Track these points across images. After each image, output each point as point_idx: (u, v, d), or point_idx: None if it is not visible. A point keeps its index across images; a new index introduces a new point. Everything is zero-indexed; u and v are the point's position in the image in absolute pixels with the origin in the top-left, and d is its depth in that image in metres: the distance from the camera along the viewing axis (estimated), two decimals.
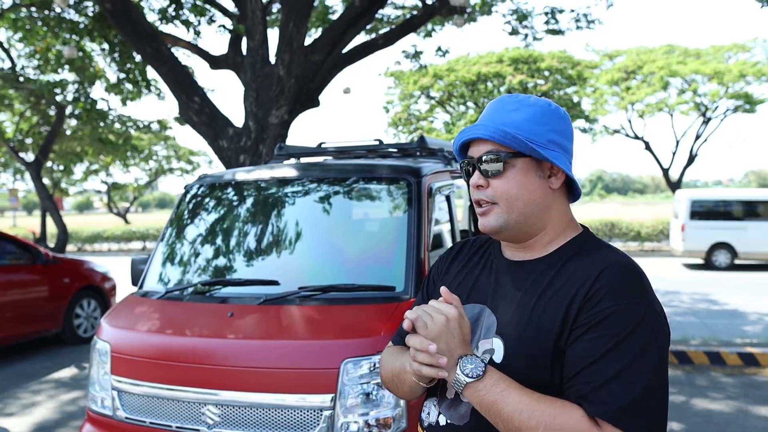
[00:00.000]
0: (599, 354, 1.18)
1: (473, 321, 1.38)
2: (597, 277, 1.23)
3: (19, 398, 6.15)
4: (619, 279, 1.23)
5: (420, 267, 3.27)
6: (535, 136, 1.32)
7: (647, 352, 1.18)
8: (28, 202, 74.15)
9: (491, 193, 1.34)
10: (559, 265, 1.32)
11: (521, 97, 1.38)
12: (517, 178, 1.33)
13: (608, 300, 1.20)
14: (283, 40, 6.98)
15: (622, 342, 1.18)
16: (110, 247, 26.62)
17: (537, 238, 1.37)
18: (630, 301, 1.21)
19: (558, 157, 1.33)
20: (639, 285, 1.24)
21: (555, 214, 1.37)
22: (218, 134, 7.36)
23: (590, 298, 1.22)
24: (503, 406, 1.21)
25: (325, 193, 3.77)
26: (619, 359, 1.17)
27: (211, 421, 2.89)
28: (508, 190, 1.33)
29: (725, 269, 14.92)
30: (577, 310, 1.22)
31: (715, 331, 8.06)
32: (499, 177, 1.33)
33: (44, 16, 10.41)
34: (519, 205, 1.33)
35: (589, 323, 1.20)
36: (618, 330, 1.18)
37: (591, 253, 1.32)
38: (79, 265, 8.81)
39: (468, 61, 23.60)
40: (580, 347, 1.20)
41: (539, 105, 1.36)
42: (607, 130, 26.74)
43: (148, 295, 3.61)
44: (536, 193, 1.34)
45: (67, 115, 15.13)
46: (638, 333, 1.19)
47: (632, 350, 1.18)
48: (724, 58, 24.91)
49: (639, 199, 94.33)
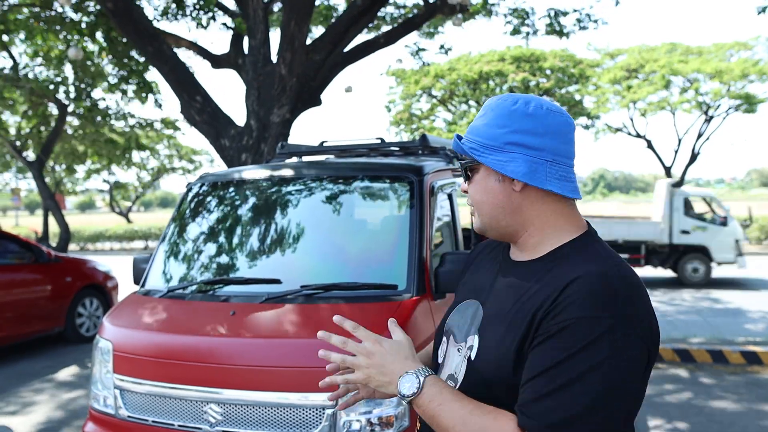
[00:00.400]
0: (546, 366, 1.14)
1: (467, 316, 1.40)
2: (566, 286, 1.18)
3: (22, 397, 6.16)
4: (584, 291, 1.16)
5: (422, 265, 3.27)
6: (491, 140, 1.31)
7: (597, 371, 1.11)
8: (31, 201, 74.21)
9: (469, 198, 1.41)
10: (547, 268, 1.28)
11: (493, 100, 1.36)
12: (480, 184, 1.37)
13: (569, 311, 1.15)
14: (284, 39, 6.98)
15: (572, 357, 1.12)
16: (112, 246, 26.66)
17: (523, 238, 1.35)
18: (591, 315, 1.13)
19: (513, 159, 1.29)
20: (606, 299, 1.15)
21: (532, 215, 1.33)
22: (220, 133, 7.36)
23: (554, 308, 1.17)
24: (441, 418, 1.23)
25: (327, 191, 3.77)
26: (563, 374, 1.12)
27: (213, 419, 2.89)
28: (474, 195, 1.38)
29: None
30: (540, 318, 1.19)
31: (718, 330, 8.05)
32: (470, 183, 1.40)
33: (46, 17, 10.42)
34: (486, 209, 1.36)
35: (547, 333, 1.16)
36: (570, 344, 1.13)
37: (577, 258, 1.26)
38: (81, 264, 8.82)
39: (470, 60, 23.57)
40: (534, 356, 1.17)
41: (501, 106, 1.33)
42: (609, 129, 26.69)
43: (150, 293, 3.61)
44: (498, 196, 1.34)
45: (69, 112, 15.14)
46: (591, 349, 1.11)
47: (580, 367, 1.11)
48: (726, 56, 24.85)
49: (641, 198, 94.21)
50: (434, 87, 23.56)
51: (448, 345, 1.44)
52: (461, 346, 1.37)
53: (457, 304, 1.49)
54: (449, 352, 1.42)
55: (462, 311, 1.44)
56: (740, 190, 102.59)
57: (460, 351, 1.37)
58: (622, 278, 1.20)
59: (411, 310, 3.03)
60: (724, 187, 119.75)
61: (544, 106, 1.31)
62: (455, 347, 1.40)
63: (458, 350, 1.38)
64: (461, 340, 1.38)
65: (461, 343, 1.37)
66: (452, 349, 1.41)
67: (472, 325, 1.36)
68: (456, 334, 1.41)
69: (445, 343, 1.46)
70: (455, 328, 1.43)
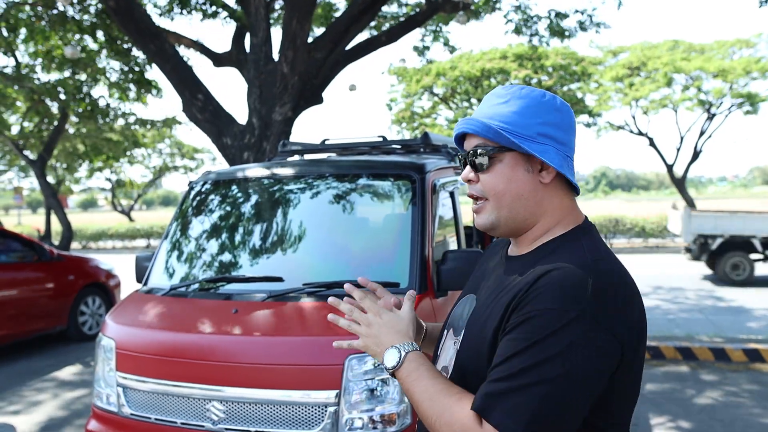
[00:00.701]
0: (507, 354, 1.15)
1: (465, 310, 1.43)
2: (538, 279, 1.18)
3: (25, 395, 6.18)
4: (554, 283, 1.16)
5: (424, 263, 3.27)
6: (522, 129, 1.28)
7: (553, 361, 1.10)
8: (33, 200, 74.31)
9: (480, 187, 1.34)
10: (534, 261, 1.28)
11: (514, 88, 1.34)
12: (504, 173, 1.30)
13: (535, 303, 1.15)
14: (286, 37, 6.98)
15: (531, 347, 1.12)
16: (114, 245, 26.69)
17: (529, 233, 1.34)
18: (555, 308, 1.13)
19: (547, 150, 1.28)
20: (575, 292, 1.14)
21: (549, 209, 1.32)
22: (222, 131, 7.36)
23: (522, 299, 1.18)
24: (413, 393, 1.26)
25: (329, 189, 3.77)
26: (520, 362, 1.12)
27: (216, 417, 2.90)
28: (495, 185, 1.31)
29: None
30: (512, 309, 1.20)
31: (721, 328, 8.05)
32: (486, 171, 1.32)
33: (49, 16, 10.43)
34: (507, 200, 1.31)
35: (513, 324, 1.17)
36: (531, 334, 1.13)
37: (560, 251, 1.26)
38: (83, 262, 8.83)
39: (471, 58, 23.56)
40: (500, 346, 1.19)
41: (531, 96, 1.32)
42: (611, 126, 26.66)
43: (153, 291, 3.61)
44: (524, 187, 1.30)
45: (71, 112, 15.16)
46: (551, 340, 1.11)
47: (537, 356, 1.11)
48: (728, 53, 24.80)
49: (643, 196, 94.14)
50: (436, 84, 23.55)
51: (445, 339, 1.48)
52: (457, 339, 1.40)
53: (459, 300, 1.52)
54: (445, 345, 1.46)
55: (461, 306, 1.47)
56: (742, 188, 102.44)
57: (455, 344, 1.40)
58: (599, 272, 1.18)
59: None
60: (726, 185, 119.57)
61: (566, 103, 1.35)
62: (451, 341, 1.43)
63: (454, 343, 1.41)
64: (457, 333, 1.40)
65: (457, 337, 1.40)
66: (448, 343, 1.45)
67: (466, 318, 1.40)
68: (455, 328, 1.44)
69: (443, 337, 1.50)
70: (455, 322, 1.46)
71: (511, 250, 1.41)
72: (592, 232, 1.33)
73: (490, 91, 13.91)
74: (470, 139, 1.35)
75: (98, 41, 10.59)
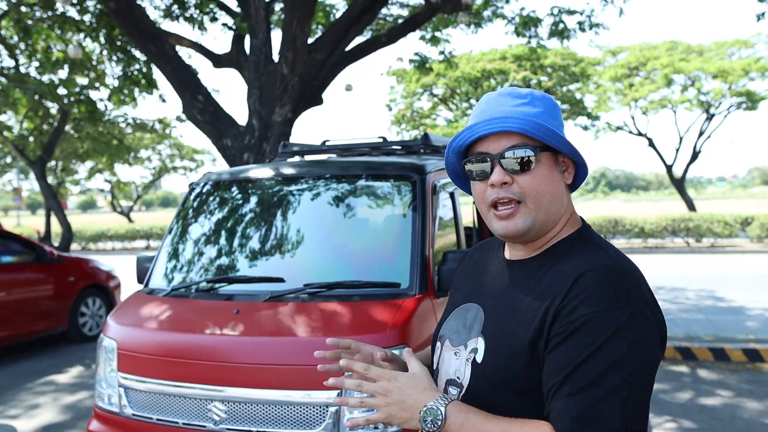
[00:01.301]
0: (571, 367, 1.12)
1: (467, 320, 1.36)
2: (575, 282, 1.17)
3: (26, 397, 6.18)
4: (596, 284, 1.16)
5: (425, 264, 3.28)
6: (558, 130, 1.29)
7: (621, 366, 1.10)
8: (32, 201, 74.30)
9: (517, 190, 1.26)
10: (549, 264, 1.27)
11: (523, 90, 1.33)
12: (543, 174, 1.26)
13: (583, 307, 1.14)
14: (286, 39, 6.99)
15: (598, 351, 1.11)
16: (114, 246, 26.69)
17: (546, 235, 1.32)
18: (606, 309, 1.13)
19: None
20: (619, 291, 1.15)
21: (566, 210, 1.33)
22: (222, 133, 7.38)
23: (566, 305, 1.16)
24: None
25: (329, 190, 3.78)
26: (593, 369, 1.11)
27: (217, 417, 2.91)
28: (536, 186, 1.26)
29: None
30: (553, 317, 1.17)
31: (720, 328, 8.06)
32: (527, 173, 1.26)
33: (48, 16, 10.44)
34: (545, 201, 1.27)
35: (564, 333, 1.15)
36: (590, 341, 1.12)
37: (578, 252, 1.25)
38: (83, 263, 8.84)
39: (471, 58, 23.58)
40: (555, 359, 1.15)
41: (548, 99, 1.32)
42: (610, 127, 26.70)
43: (154, 292, 3.62)
44: (559, 188, 1.30)
45: (71, 115, 15.17)
46: (613, 344, 1.11)
47: (603, 363, 1.10)
48: (726, 54, 24.84)
49: (642, 196, 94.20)
50: (436, 84, 23.58)
51: (442, 350, 1.41)
52: (459, 350, 1.34)
53: (452, 310, 1.46)
54: (444, 357, 1.39)
55: (459, 316, 1.41)
56: (741, 188, 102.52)
57: (458, 355, 1.34)
58: (625, 270, 1.20)
59: (414, 308, 3.04)
60: (725, 186, 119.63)
61: None
62: (451, 351, 1.37)
63: (456, 354, 1.35)
64: (459, 343, 1.35)
65: (459, 347, 1.34)
66: (448, 354, 1.38)
67: (472, 328, 1.33)
68: (452, 338, 1.38)
69: (439, 348, 1.43)
70: (451, 333, 1.40)
71: (511, 254, 1.36)
72: (595, 232, 1.34)
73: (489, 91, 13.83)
74: (498, 140, 1.27)
75: (98, 41, 10.60)
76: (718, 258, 16.77)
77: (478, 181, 1.31)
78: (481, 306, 1.35)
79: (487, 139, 1.29)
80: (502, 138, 1.27)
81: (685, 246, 19.29)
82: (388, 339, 2.83)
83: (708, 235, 19.04)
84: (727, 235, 18.89)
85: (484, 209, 1.32)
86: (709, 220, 18.93)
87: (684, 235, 19.37)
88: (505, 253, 1.39)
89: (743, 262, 15.77)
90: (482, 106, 1.33)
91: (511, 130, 1.25)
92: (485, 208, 1.31)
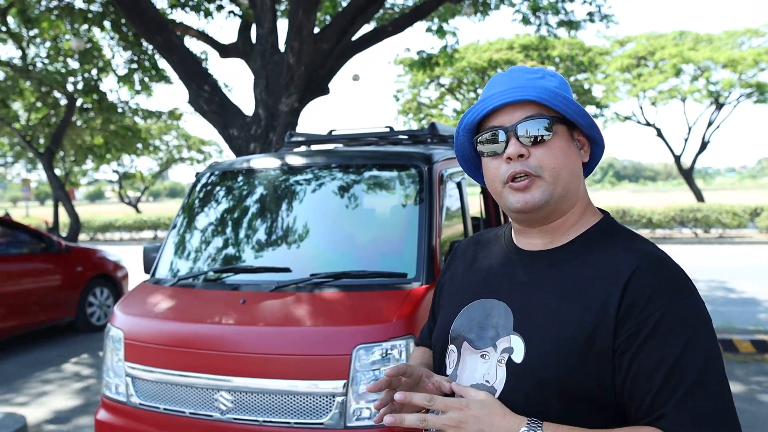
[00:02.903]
0: (667, 368, 1.07)
1: (485, 317, 1.27)
2: (633, 275, 1.12)
3: (34, 386, 6.22)
4: (656, 276, 1.12)
5: (431, 254, 3.26)
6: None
7: (710, 356, 1.08)
8: (41, 192, 74.67)
9: (534, 163, 1.19)
10: (583, 255, 1.21)
11: (547, 70, 1.28)
12: (561, 146, 1.21)
13: (654, 302, 1.09)
14: (292, 28, 6.96)
15: (689, 345, 1.07)
16: (122, 236, 26.81)
17: (563, 219, 1.25)
18: (675, 300, 1.10)
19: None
20: (680, 278, 1.13)
21: (582, 191, 1.27)
22: (228, 123, 7.36)
23: (632, 301, 1.10)
24: None
25: (336, 180, 3.76)
26: (693, 363, 1.06)
27: (224, 407, 2.91)
28: (554, 159, 1.19)
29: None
30: (615, 313, 1.11)
31: (730, 319, 8.02)
32: (543, 145, 1.19)
33: (55, 6, 10.44)
34: (564, 175, 1.20)
35: (641, 332, 1.09)
36: (675, 338, 1.07)
37: (617, 242, 1.21)
38: (91, 253, 8.87)
39: (478, 48, 23.48)
40: (643, 361, 1.08)
41: (559, 76, 1.27)
42: (618, 117, 26.56)
43: (161, 282, 3.62)
44: (576, 164, 1.24)
45: (78, 106, 15.19)
46: (697, 337, 1.08)
47: (698, 359, 1.07)
48: (737, 43, 24.62)
49: (650, 187, 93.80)
50: (443, 74, 23.49)
51: (460, 353, 1.29)
52: (488, 351, 1.23)
53: (459, 308, 1.34)
54: (467, 362, 1.27)
55: (473, 313, 1.30)
56: (751, 179, 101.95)
57: (487, 357, 1.23)
58: (669, 257, 1.19)
59: (421, 298, 3.03)
60: (734, 176, 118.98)
61: None
62: (476, 354, 1.25)
63: (484, 357, 1.24)
64: (486, 345, 1.24)
65: (487, 349, 1.23)
66: (472, 358, 1.26)
67: (498, 326, 1.23)
68: (472, 339, 1.27)
69: (454, 351, 1.31)
70: (468, 333, 1.29)
71: (531, 244, 1.28)
72: (616, 221, 1.30)
73: None
74: (511, 112, 1.21)
75: (105, 29, 10.59)
76: (726, 249, 16.69)
77: (491, 158, 1.24)
78: (504, 301, 1.25)
79: (501, 112, 1.22)
80: (518, 109, 1.21)
81: (694, 237, 19.21)
82: (394, 329, 2.82)
83: (716, 226, 18.96)
84: (736, 225, 18.80)
85: (498, 187, 1.24)
86: (717, 211, 18.84)
87: (692, 226, 19.29)
88: (519, 244, 1.31)
89: (752, 252, 15.70)
90: (492, 84, 1.27)
91: (529, 99, 1.19)
92: (499, 185, 1.23)
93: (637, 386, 1.09)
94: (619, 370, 1.11)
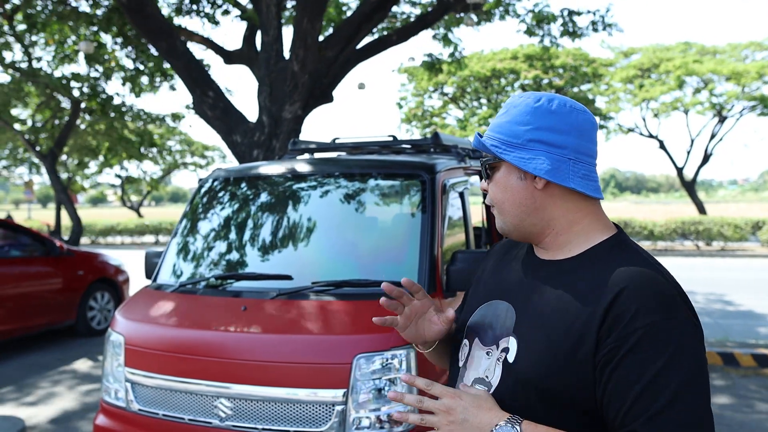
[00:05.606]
0: (644, 383, 1.10)
1: (495, 317, 1.35)
2: (621, 292, 1.15)
3: (33, 389, 6.21)
4: (644, 293, 1.15)
5: (433, 263, 3.27)
6: (513, 138, 1.29)
7: (691, 369, 1.10)
8: (43, 194, 74.74)
9: (489, 197, 1.38)
10: (585, 268, 1.25)
11: (516, 97, 1.34)
12: (500, 182, 1.35)
13: (638, 318, 1.12)
14: (297, 36, 6.99)
15: (670, 363, 1.10)
16: (123, 241, 26.82)
17: (549, 238, 1.32)
18: (660, 319, 1.12)
19: (536, 157, 1.27)
20: (666, 298, 1.15)
21: (559, 214, 1.31)
22: (232, 129, 7.38)
23: (616, 316, 1.14)
24: None
25: (339, 188, 3.77)
26: (670, 383, 1.09)
27: (223, 414, 2.90)
28: (495, 194, 1.36)
29: None
30: (599, 325, 1.15)
31: (729, 332, 8.00)
32: (492, 181, 1.37)
33: (62, 10, 10.49)
34: (507, 207, 1.34)
35: (622, 347, 1.12)
36: (654, 354, 1.10)
37: (618, 259, 1.23)
38: (93, 257, 8.87)
39: (482, 58, 23.53)
40: (622, 374, 1.12)
41: (524, 104, 1.31)
42: (621, 129, 26.56)
43: (162, 288, 3.63)
44: (520, 195, 1.32)
45: (82, 109, 15.24)
46: (678, 356, 1.10)
47: (677, 376, 1.09)
48: (741, 56, 24.66)
49: (652, 198, 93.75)
50: (447, 83, 23.54)
51: (471, 347, 1.39)
52: (491, 349, 1.32)
53: (477, 305, 1.44)
54: (475, 356, 1.37)
55: (486, 313, 1.39)
56: (753, 192, 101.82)
57: (490, 354, 1.32)
58: (667, 277, 1.20)
59: None
60: (736, 189, 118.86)
61: (567, 104, 1.30)
62: (483, 351, 1.35)
63: (488, 354, 1.33)
64: (491, 343, 1.33)
65: (491, 347, 1.32)
66: (479, 353, 1.36)
67: (503, 327, 1.32)
68: (482, 336, 1.36)
69: (467, 345, 1.41)
70: (480, 329, 1.38)
71: (543, 253, 1.36)
72: (630, 239, 1.32)
73: (499, 90, 13.92)
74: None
75: (112, 32, 10.63)
76: (728, 262, 16.67)
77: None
78: (512, 304, 1.33)
79: None
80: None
81: (695, 249, 19.19)
82: (395, 339, 2.82)
83: (718, 239, 18.93)
84: (738, 238, 18.77)
85: None
86: (719, 224, 18.82)
87: (694, 238, 19.27)
88: (536, 252, 1.38)
89: (753, 266, 15.67)
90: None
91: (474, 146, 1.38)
92: None
93: (614, 399, 1.13)
94: (599, 383, 1.15)
